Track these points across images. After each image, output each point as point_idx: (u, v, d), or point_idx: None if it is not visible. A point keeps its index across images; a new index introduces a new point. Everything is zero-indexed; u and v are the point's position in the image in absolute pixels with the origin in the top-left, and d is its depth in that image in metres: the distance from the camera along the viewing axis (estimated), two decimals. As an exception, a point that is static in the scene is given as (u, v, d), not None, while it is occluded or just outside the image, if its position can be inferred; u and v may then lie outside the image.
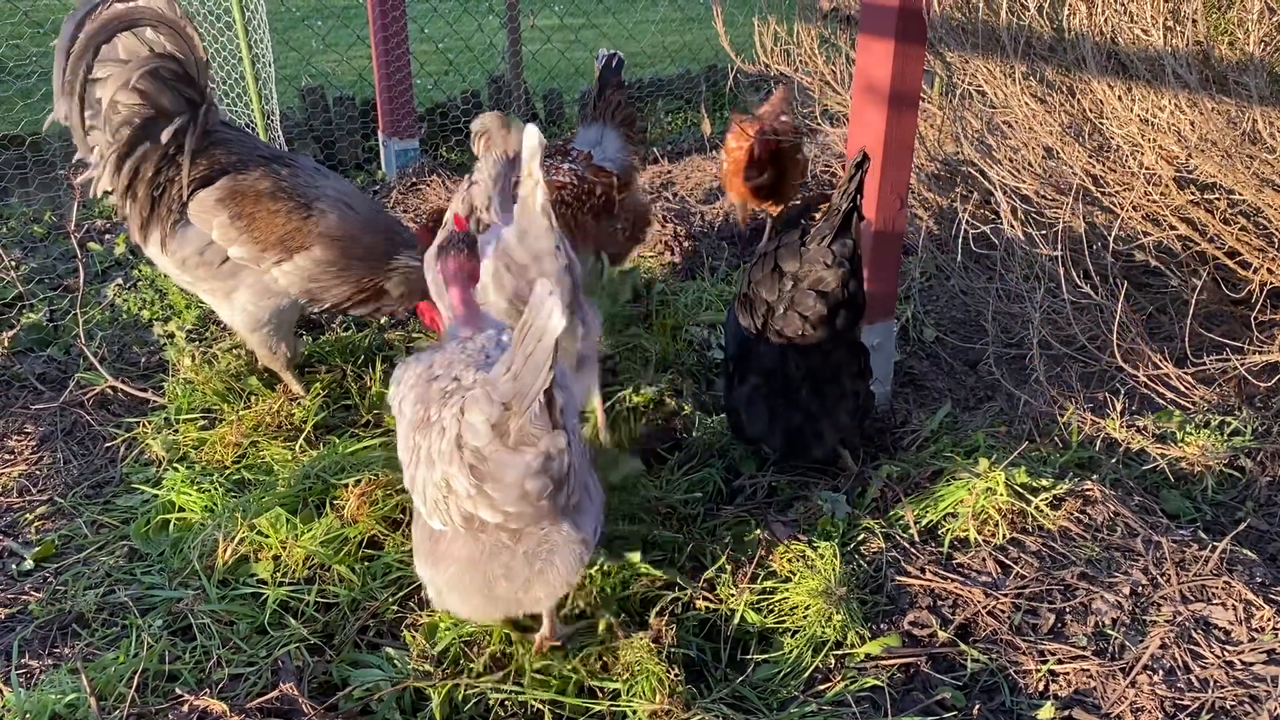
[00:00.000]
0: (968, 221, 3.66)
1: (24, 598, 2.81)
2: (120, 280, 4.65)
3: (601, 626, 2.55)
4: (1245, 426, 3.39)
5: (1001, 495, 2.93)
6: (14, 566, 2.95)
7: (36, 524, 3.15)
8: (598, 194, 4.23)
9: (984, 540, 2.88)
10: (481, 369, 2.22)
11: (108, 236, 5.28)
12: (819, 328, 2.99)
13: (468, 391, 2.13)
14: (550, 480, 2.13)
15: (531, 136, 2.80)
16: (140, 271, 4.61)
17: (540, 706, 2.38)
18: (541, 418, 2.06)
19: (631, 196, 4.43)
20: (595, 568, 2.71)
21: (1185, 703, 2.37)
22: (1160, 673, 2.45)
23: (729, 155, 5.06)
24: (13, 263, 4.69)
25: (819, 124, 5.30)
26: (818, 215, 4.15)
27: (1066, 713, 2.38)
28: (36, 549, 3.00)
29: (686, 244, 5.15)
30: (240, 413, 3.55)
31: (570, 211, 4.13)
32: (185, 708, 2.36)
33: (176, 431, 3.52)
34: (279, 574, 2.79)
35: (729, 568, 2.79)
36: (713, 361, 3.95)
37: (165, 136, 3.36)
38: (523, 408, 2.01)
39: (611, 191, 4.29)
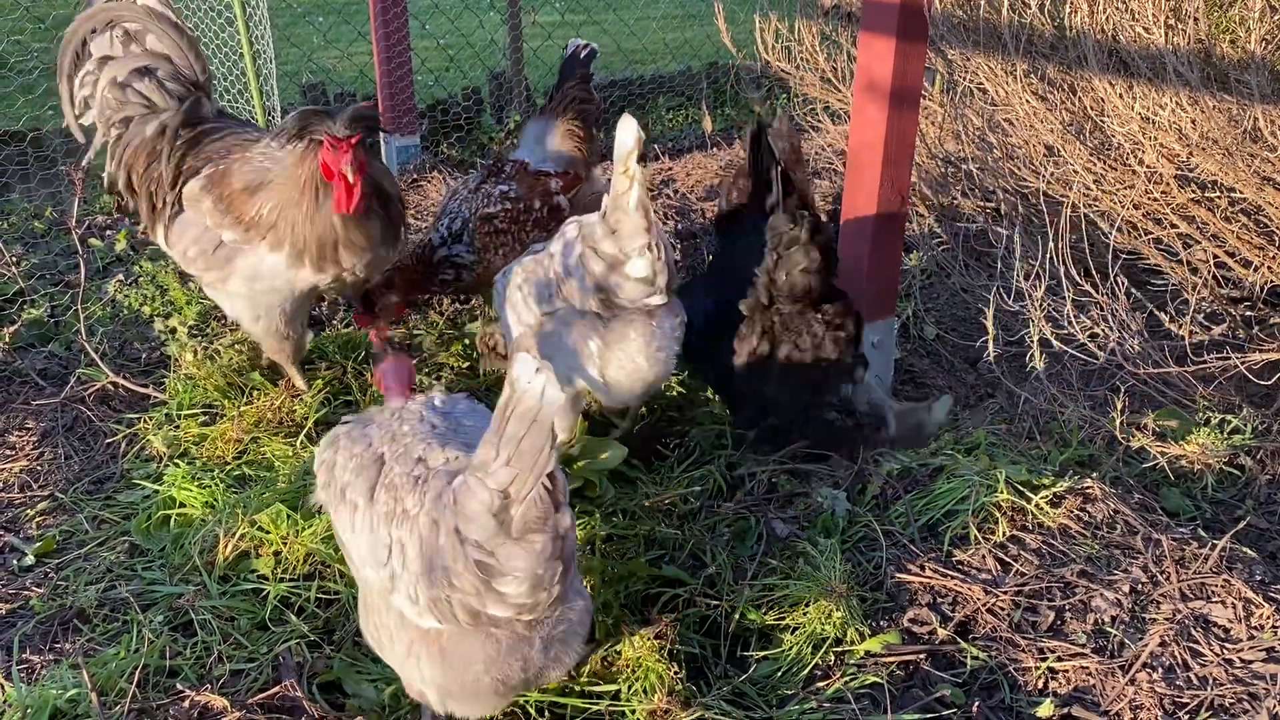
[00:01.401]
0: (968, 219, 3.66)
1: (25, 593, 2.82)
2: (121, 276, 4.65)
3: (600, 633, 2.55)
4: (1245, 425, 3.38)
5: (1001, 493, 2.93)
6: (15, 562, 2.96)
7: (38, 519, 3.16)
8: (537, 207, 4.07)
9: (984, 538, 2.88)
10: (449, 444, 2.12)
11: (109, 232, 5.28)
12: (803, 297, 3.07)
13: (454, 479, 1.99)
14: (562, 562, 1.98)
15: (629, 131, 2.74)
16: (141, 267, 4.61)
17: (537, 707, 2.38)
18: (543, 498, 1.90)
19: (583, 193, 4.28)
20: (598, 571, 2.71)
21: (1184, 700, 2.37)
22: (1159, 670, 2.45)
23: None
24: (14, 258, 4.69)
25: (820, 121, 5.30)
26: None
27: (1066, 710, 2.38)
28: (38, 544, 3.01)
29: (687, 242, 5.15)
30: (241, 408, 3.55)
31: (510, 238, 4.00)
32: (186, 703, 2.36)
33: (177, 427, 3.52)
34: (279, 570, 2.80)
35: (729, 564, 2.80)
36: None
37: (149, 131, 3.42)
38: (523, 495, 1.86)
39: (552, 198, 4.13)
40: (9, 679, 2.46)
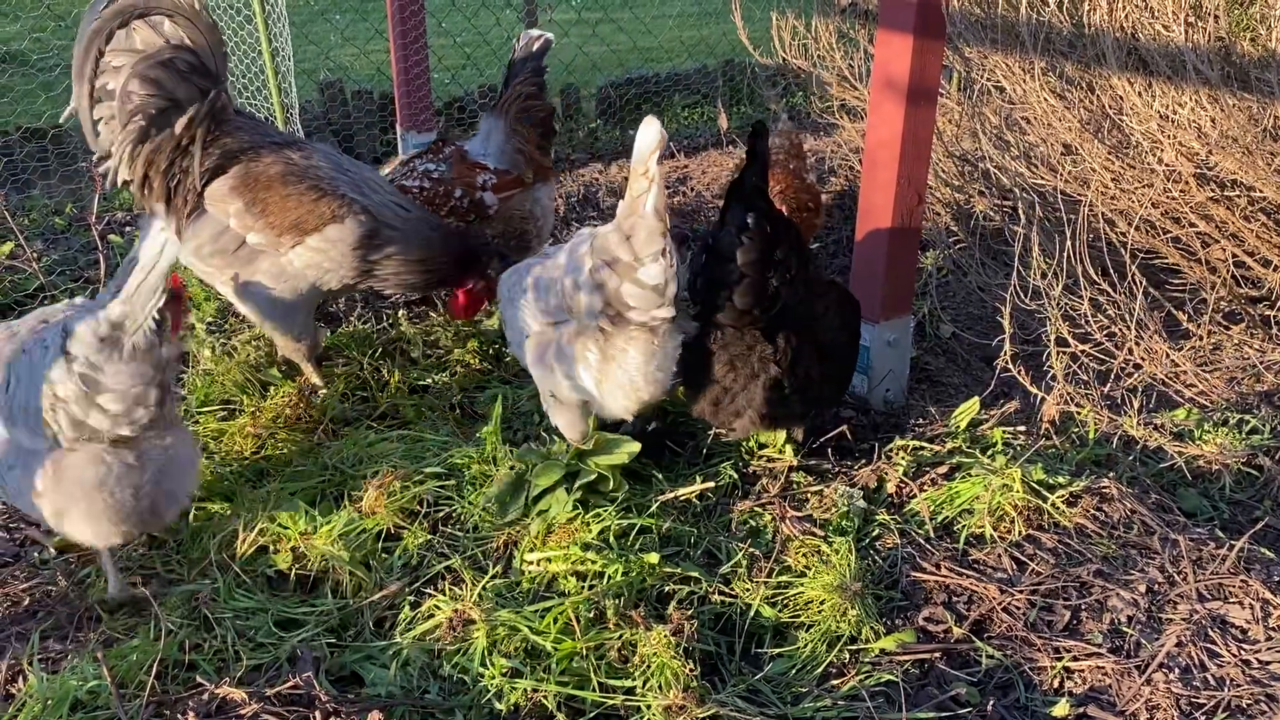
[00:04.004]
0: (985, 217, 3.65)
1: (47, 585, 2.84)
2: (140, 272, 4.68)
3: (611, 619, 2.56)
4: (1264, 425, 3.37)
5: (1017, 492, 2.92)
6: (36, 555, 2.98)
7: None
8: (458, 195, 4.01)
9: (1000, 537, 2.88)
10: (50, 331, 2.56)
11: (128, 229, 5.32)
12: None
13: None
14: (160, 389, 2.48)
15: (651, 132, 2.67)
16: (160, 263, 4.64)
17: (556, 700, 2.39)
18: (151, 330, 2.40)
19: (517, 200, 4.19)
20: (613, 565, 2.72)
21: (1201, 701, 2.36)
22: (1176, 671, 2.44)
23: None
24: (35, 254, 4.73)
25: (837, 119, 5.29)
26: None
27: (1081, 710, 2.38)
28: (58, 538, 3.03)
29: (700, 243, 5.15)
30: (259, 404, 3.57)
31: None
32: (205, 695, 2.38)
33: (196, 422, 3.54)
34: (298, 565, 2.81)
35: (744, 562, 2.80)
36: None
37: (179, 127, 3.38)
38: (136, 325, 2.37)
39: (477, 191, 4.06)
40: (31, 668, 2.48)
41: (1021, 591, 2.69)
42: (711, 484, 3.12)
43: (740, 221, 2.79)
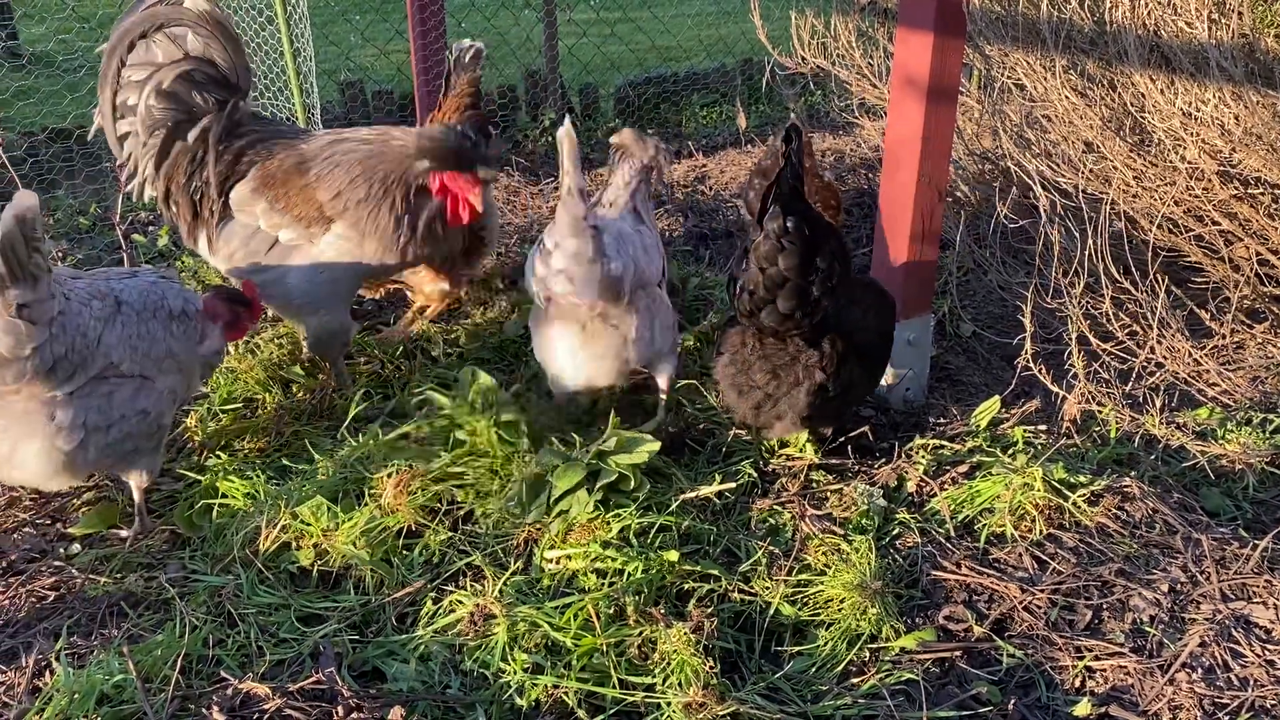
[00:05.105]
0: (1006, 216, 3.64)
1: (72, 581, 2.87)
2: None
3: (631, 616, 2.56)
4: (1288, 424, 3.34)
5: (1039, 491, 2.91)
6: (62, 550, 3.02)
7: (83, 510, 3.22)
8: None
9: (1021, 536, 2.87)
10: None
11: (151, 228, 5.36)
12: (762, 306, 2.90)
13: None
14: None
15: (561, 131, 2.93)
16: (183, 263, 4.68)
17: (577, 697, 2.40)
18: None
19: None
20: (633, 562, 2.72)
21: (1224, 701, 2.35)
22: (1199, 671, 2.43)
23: None
24: (59, 254, 4.78)
25: (856, 118, 5.28)
26: None
27: (1103, 709, 2.37)
28: (81, 522, 3.07)
29: (719, 242, 5.16)
30: (282, 401, 3.59)
31: None
32: (229, 690, 2.40)
33: (219, 420, 3.58)
34: (319, 562, 2.84)
35: (764, 560, 2.80)
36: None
37: (191, 139, 3.42)
38: None
39: None
40: (58, 663, 2.51)
41: (1043, 590, 2.68)
42: (732, 483, 3.12)
43: (780, 225, 2.78)
